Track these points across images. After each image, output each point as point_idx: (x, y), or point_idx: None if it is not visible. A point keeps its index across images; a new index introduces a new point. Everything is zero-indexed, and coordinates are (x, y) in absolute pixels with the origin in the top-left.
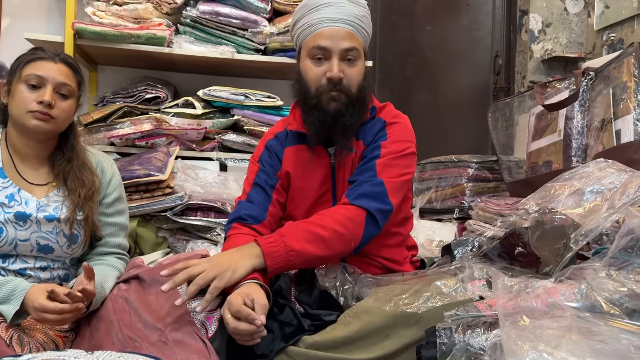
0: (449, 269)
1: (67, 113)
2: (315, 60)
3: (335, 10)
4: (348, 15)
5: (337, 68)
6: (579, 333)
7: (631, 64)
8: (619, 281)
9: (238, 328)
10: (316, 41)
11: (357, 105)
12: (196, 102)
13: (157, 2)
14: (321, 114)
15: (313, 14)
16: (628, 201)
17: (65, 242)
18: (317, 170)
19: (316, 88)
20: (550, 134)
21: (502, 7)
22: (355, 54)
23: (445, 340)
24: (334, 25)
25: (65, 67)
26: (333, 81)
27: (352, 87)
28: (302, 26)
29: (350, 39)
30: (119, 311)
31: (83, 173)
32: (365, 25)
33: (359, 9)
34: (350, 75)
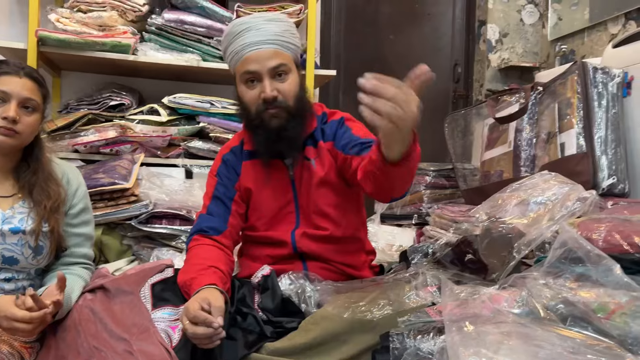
0: (404, 276)
1: (32, 127)
2: (249, 84)
3: (255, 33)
4: (269, 35)
5: (269, 88)
6: (517, 338)
7: (575, 81)
8: (554, 289)
9: (196, 332)
10: (245, 67)
11: (297, 115)
12: (161, 109)
13: (122, 10)
14: (265, 132)
15: (237, 41)
16: (566, 213)
17: (31, 254)
18: (276, 183)
19: (255, 109)
20: (502, 144)
21: (461, 17)
22: (284, 69)
23: (397, 345)
24: (257, 48)
25: (30, 81)
26: (268, 100)
27: (288, 100)
28: (230, 54)
29: (276, 57)
30: (84, 321)
31: (49, 185)
32: (289, 39)
33: (279, 25)
34: (284, 90)
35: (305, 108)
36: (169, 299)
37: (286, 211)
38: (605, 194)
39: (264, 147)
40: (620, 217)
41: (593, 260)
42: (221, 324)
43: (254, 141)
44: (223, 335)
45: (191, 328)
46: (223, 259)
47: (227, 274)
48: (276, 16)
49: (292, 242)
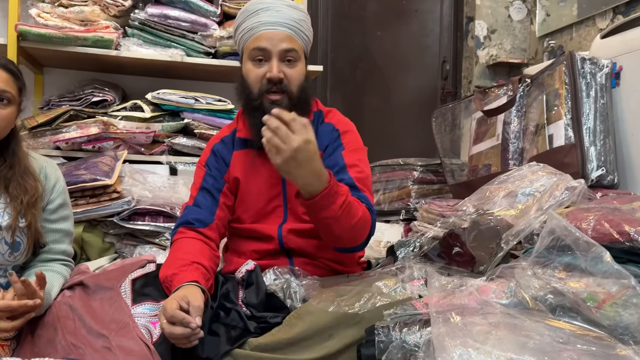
0: (391, 270)
1: (7, 121)
2: (256, 62)
3: (273, 13)
4: (286, 19)
5: (277, 68)
6: (505, 329)
7: (562, 72)
8: (543, 279)
9: (173, 332)
10: (256, 43)
11: (298, 105)
12: (145, 106)
13: (104, 5)
14: (263, 115)
15: (252, 18)
16: (554, 203)
17: (7, 250)
18: (265, 175)
19: (258, 89)
20: (490, 138)
21: (449, 14)
22: (294, 55)
23: (383, 338)
24: (273, 28)
25: (5, 73)
26: (273, 81)
27: (292, 87)
28: (243, 31)
29: (289, 41)
30: (62, 318)
31: (25, 180)
32: (304, 29)
33: (298, 13)
34: (290, 76)
35: (307, 99)
36: (150, 294)
37: (274, 204)
38: (594, 186)
39: (258, 131)
40: (609, 206)
41: (582, 248)
42: (199, 324)
43: (249, 125)
44: (201, 335)
45: (168, 328)
46: (207, 254)
47: (211, 270)
48: (296, 4)
49: (279, 238)
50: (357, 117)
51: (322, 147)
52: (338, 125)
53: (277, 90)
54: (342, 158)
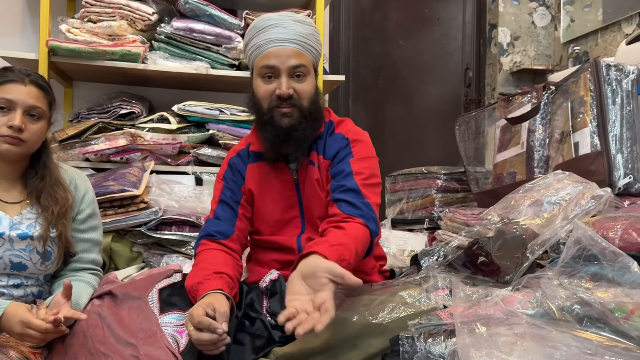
0: (415, 279)
1: (37, 135)
2: (266, 79)
3: (281, 30)
4: (294, 35)
5: (286, 85)
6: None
7: (587, 79)
8: (569, 289)
9: (200, 338)
10: (264, 61)
11: (309, 118)
12: (171, 117)
13: (131, 19)
14: (274, 129)
15: (261, 35)
16: (580, 212)
17: (39, 260)
18: (279, 186)
19: (267, 104)
20: (514, 146)
21: (472, 21)
22: (303, 70)
23: (407, 348)
24: (281, 45)
25: (36, 88)
26: (282, 97)
27: (303, 100)
28: (252, 47)
29: (297, 57)
30: (92, 327)
31: (56, 190)
32: (313, 43)
33: (305, 28)
34: (300, 90)
35: (318, 112)
36: (177, 303)
37: (290, 215)
38: (621, 194)
39: (271, 145)
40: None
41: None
42: (225, 329)
43: (261, 138)
44: (228, 341)
45: (195, 334)
46: (231, 264)
47: (235, 279)
48: (303, 18)
49: (299, 248)
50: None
51: (331, 156)
52: (348, 134)
53: (287, 105)
54: (350, 165)
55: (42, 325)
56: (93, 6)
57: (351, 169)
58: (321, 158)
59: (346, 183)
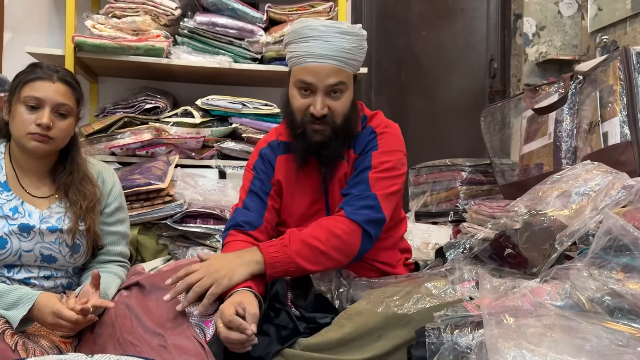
0: (440, 271)
1: (66, 132)
2: (302, 92)
3: (322, 45)
4: (335, 51)
5: (320, 105)
6: (561, 331)
7: (617, 67)
8: (600, 280)
9: (230, 337)
10: (302, 75)
11: (341, 134)
12: (195, 112)
13: (155, 14)
14: (305, 143)
15: (301, 44)
16: (610, 202)
17: (68, 252)
18: (307, 179)
19: (301, 118)
20: (541, 136)
21: (496, 11)
22: (341, 88)
23: (434, 339)
24: (320, 61)
25: (64, 85)
26: (316, 117)
27: (336, 118)
28: (291, 52)
29: (336, 75)
30: (120, 317)
31: (84, 185)
32: (355, 55)
33: (350, 41)
34: (335, 109)
35: (351, 128)
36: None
37: (317, 208)
38: None
39: (301, 156)
40: None
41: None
42: (254, 331)
43: (292, 148)
44: (255, 341)
45: (225, 332)
46: None
47: None
48: (350, 30)
49: None
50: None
51: (359, 150)
52: (377, 127)
53: (320, 122)
54: (371, 159)
55: (73, 316)
56: (117, 2)
57: (370, 163)
58: (352, 152)
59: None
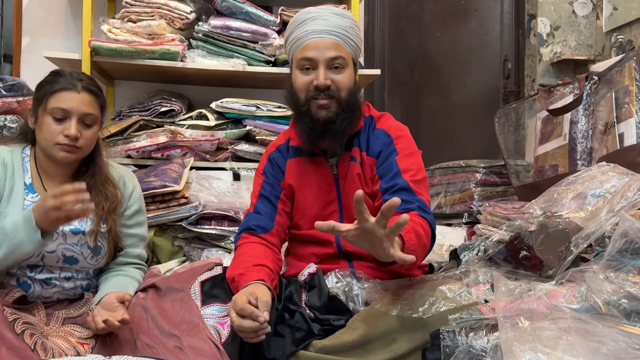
0: (455, 274)
1: (91, 140)
2: (304, 71)
3: (321, 22)
4: (333, 27)
5: (323, 76)
6: (577, 334)
7: (632, 68)
8: (616, 283)
9: (242, 325)
10: (303, 53)
11: (347, 110)
12: (209, 114)
13: (170, 18)
14: (311, 121)
15: (301, 28)
16: (627, 204)
17: (90, 254)
18: (319, 181)
19: (305, 95)
20: (556, 138)
21: (510, 11)
22: (342, 62)
23: (448, 342)
24: (320, 36)
25: (88, 95)
26: (320, 88)
27: (341, 92)
28: (292, 41)
29: (336, 49)
30: (137, 319)
31: (106, 187)
32: (352, 35)
33: (345, 20)
34: (338, 81)
35: (356, 104)
36: (218, 295)
37: (329, 210)
38: None
39: (308, 137)
40: None
41: None
42: (267, 318)
43: (298, 131)
44: (268, 330)
45: (238, 320)
46: (270, 257)
47: (275, 272)
48: (343, 12)
49: (337, 241)
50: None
51: (375, 153)
52: (390, 130)
53: (324, 96)
54: (397, 164)
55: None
56: (133, 6)
57: (399, 167)
58: (364, 155)
59: (397, 182)
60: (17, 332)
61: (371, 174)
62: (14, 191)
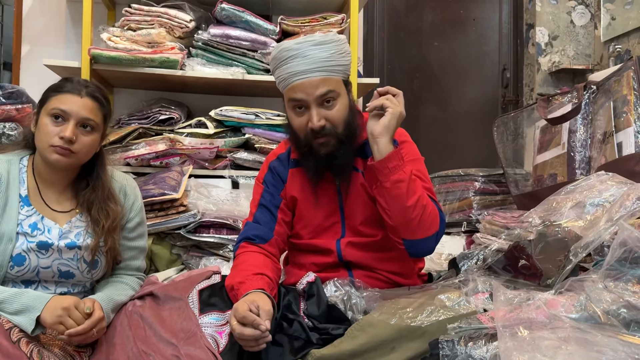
0: (453, 283)
1: (88, 147)
2: (296, 111)
3: (302, 61)
4: (316, 62)
5: (316, 118)
6: (576, 343)
7: (631, 77)
8: (615, 292)
9: (243, 333)
10: (292, 94)
11: (347, 142)
12: (208, 122)
13: (169, 27)
14: (314, 159)
15: (283, 67)
16: (626, 213)
17: (86, 268)
18: (323, 192)
19: (304, 136)
20: (555, 146)
21: (508, 21)
22: (332, 95)
23: (447, 352)
24: (303, 77)
25: (91, 101)
26: (316, 130)
27: (337, 127)
28: (278, 79)
29: (323, 84)
30: (134, 326)
31: (108, 204)
32: (337, 60)
33: (326, 50)
34: (332, 118)
35: (354, 133)
36: (216, 304)
37: (331, 221)
38: None
39: (314, 172)
40: None
41: None
42: (268, 327)
43: (304, 166)
44: (269, 339)
45: (239, 329)
46: (270, 266)
47: (274, 282)
48: (323, 39)
49: (338, 251)
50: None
51: None
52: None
53: (322, 135)
54: None
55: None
56: (133, 15)
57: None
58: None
59: None
60: (13, 340)
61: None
62: (8, 205)
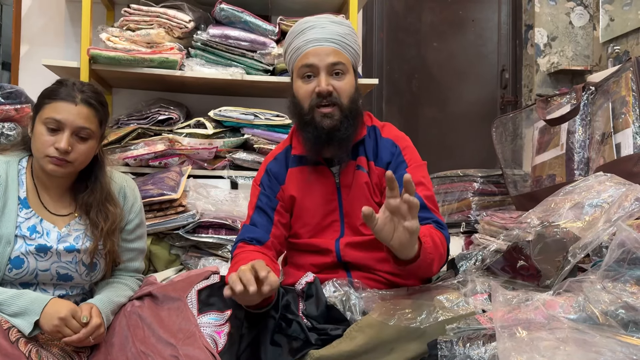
0: (452, 283)
1: (85, 155)
2: (305, 79)
3: (319, 31)
4: (332, 34)
5: (325, 82)
6: (574, 344)
7: (629, 78)
8: (613, 293)
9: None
10: (304, 61)
11: (350, 116)
12: (207, 123)
13: (168, 27)
14: (315, 130)
15: (300, 37)
16: (624, 214)
17: (85, 271)
18: (321, 190)
19: (308, 104)
20: (553, 147)
21: (507, 22)
22: (342, 68)
23: (446, 352)
24: (319, 44)
25: (86, 108)
26: (322, 94)
27: (343, 98)
28: (291, 50)
29: (336, 55)
30: (133, 327)
31: (107, 207)
32: (351, 42)
33: (343, 28)
34: (339, 87)
35: (358, 110)
36: (215, 304)
37: (331, 219)
38: None
39: (313, 146)
40: None
41: None
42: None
43: (303, 140)
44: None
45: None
46: (269, 264)
47: None
48: (341, 20)
49: (337, 251)
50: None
51: (384, 164)
52: (397, 140)
53: (327, 103)
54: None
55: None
56: (132, 15)
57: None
58: (372, 164)
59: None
60: (11, 340)
61: (380, 183)
62: (7, 207)
